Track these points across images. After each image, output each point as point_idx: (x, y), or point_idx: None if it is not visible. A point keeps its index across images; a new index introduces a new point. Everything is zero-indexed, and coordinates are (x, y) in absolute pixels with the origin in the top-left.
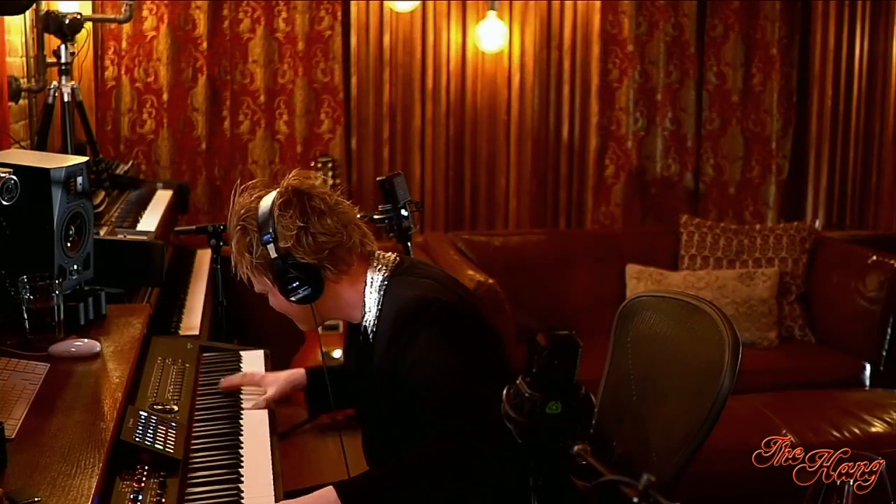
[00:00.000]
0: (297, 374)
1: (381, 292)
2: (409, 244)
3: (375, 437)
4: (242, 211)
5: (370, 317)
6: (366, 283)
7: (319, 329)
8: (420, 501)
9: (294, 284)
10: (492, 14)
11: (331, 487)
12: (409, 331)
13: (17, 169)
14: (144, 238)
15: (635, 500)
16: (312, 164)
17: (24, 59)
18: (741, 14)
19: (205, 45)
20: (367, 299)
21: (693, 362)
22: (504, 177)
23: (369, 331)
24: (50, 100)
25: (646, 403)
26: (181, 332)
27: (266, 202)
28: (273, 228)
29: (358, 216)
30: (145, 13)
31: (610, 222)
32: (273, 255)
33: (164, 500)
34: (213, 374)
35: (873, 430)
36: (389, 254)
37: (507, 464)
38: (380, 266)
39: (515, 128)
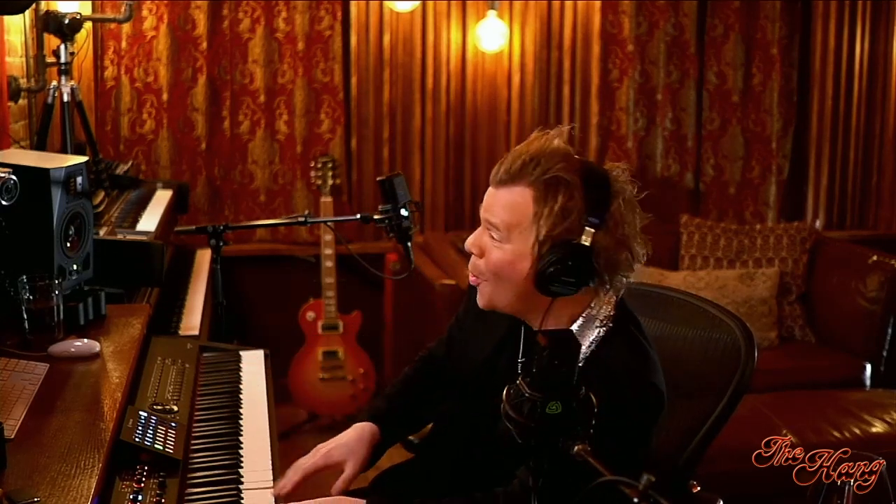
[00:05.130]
0: (365, 433)
1: (599, 336)
2: (409, 244)
3: (475, 436)
4: (577, 162)
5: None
6: (588, 309)
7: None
8: None
9: (567, 279)
10: (492, 14)
11: (362, 501)
12: (616, 398)
13: (17, 169)
14: (144, 238)
15: (636, 500)
16: (312, 163)
17: (23, 58)
18: (741, 14)
19: (205, 45)
20: (580, 322)
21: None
22: None
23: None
24: (49, 100)
25: None
26: (181, 332)
27: (621, 179)
28: (606, 216)
29: None
30: (145, 13)
31: None
32: (586, 240)
33: (163, 500)
34: (213, 374)
35: (873, 430)
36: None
37: None
38: (605, 303)
39: (515, 128)
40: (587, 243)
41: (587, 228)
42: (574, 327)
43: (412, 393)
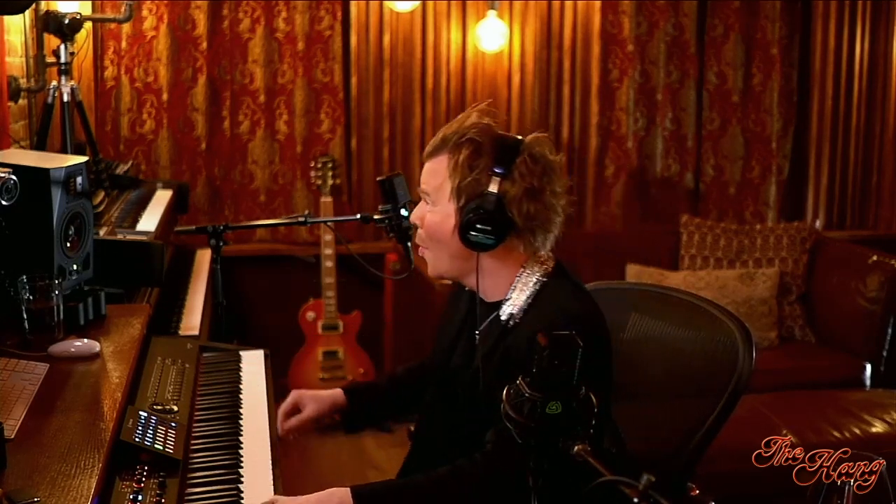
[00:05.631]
0: (334, 395)
1: (537, 287)
2: (409, 244)
3: (446, 408)
4: (492, 130)
5: (513, 303)
6: (523, 269)
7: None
8: None
9: (482, 227)
10: (492, 14)
11: (346, 489)
12: (569, 320)
13: (17, 169)
14: (144, 238)
15: (636, 500)
16: (312, 163)
17: (23, 58)
18: (741, 14)
19: (205, 45)
20: (516, 284)
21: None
22: None
23: (513, 318)
24: (49, 100)
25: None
26: (181, 332)
27: (529, 140)
28: (511, 168)
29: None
30: (145, 13)
31: (610, 222)
32: (493, 189)
33: (163, 500)
34: (213, 374)
35: (873, 430)
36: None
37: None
38: (541, 261)
39: (515, 128)
40: (494, 190)
41: (493, 178)
42: (513, 288)
43: (399, 381)
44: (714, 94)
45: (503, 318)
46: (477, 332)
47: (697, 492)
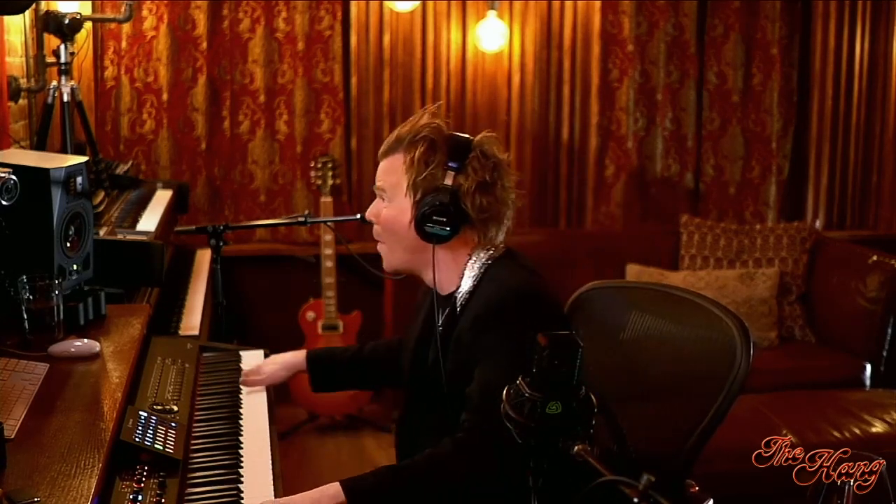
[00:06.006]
0: (296, 356)
1: (482, 270)
2: None
3: (421, 407)
4: (445, 129)
5: (463, 290)
6: (469, 257)
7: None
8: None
9: (437, 219)
10: (492, 14)
11: (336, 484)
12: (498, 319)
13: (17, 169)
14: (144, 238)
15: (636, 500)
16: (312, 163)
17: (23, 58)
18: (741, 14)
19: (205, 45)
20: (465, 272)
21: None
22: None
23: (458, 302)
24: (49, 100)
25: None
26: (181, 332)
27: (478, 139)
28: (464, 163)
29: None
30: (145, 13)
31: (610, 222)
32: (447, 182)
33: (163, 500)
34: (213, 374)
35: (873, 430)
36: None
37: (513, 479)
38: (489, 248)
39: (515, 128)
40: (449, 184)
41: (448, 173)
42: (463, 276)
43: (364, 357)
44: (714, 94)
45: (458, 303)
46: (440, 326)
47: (696, 489)
